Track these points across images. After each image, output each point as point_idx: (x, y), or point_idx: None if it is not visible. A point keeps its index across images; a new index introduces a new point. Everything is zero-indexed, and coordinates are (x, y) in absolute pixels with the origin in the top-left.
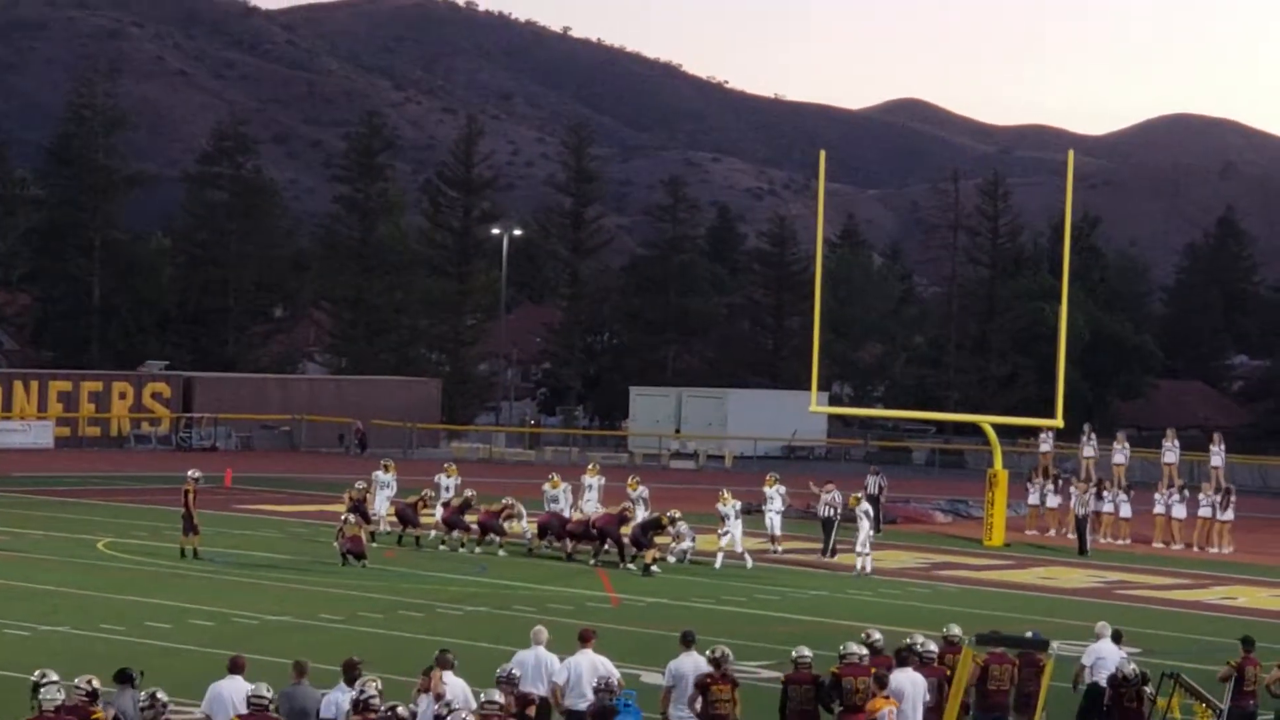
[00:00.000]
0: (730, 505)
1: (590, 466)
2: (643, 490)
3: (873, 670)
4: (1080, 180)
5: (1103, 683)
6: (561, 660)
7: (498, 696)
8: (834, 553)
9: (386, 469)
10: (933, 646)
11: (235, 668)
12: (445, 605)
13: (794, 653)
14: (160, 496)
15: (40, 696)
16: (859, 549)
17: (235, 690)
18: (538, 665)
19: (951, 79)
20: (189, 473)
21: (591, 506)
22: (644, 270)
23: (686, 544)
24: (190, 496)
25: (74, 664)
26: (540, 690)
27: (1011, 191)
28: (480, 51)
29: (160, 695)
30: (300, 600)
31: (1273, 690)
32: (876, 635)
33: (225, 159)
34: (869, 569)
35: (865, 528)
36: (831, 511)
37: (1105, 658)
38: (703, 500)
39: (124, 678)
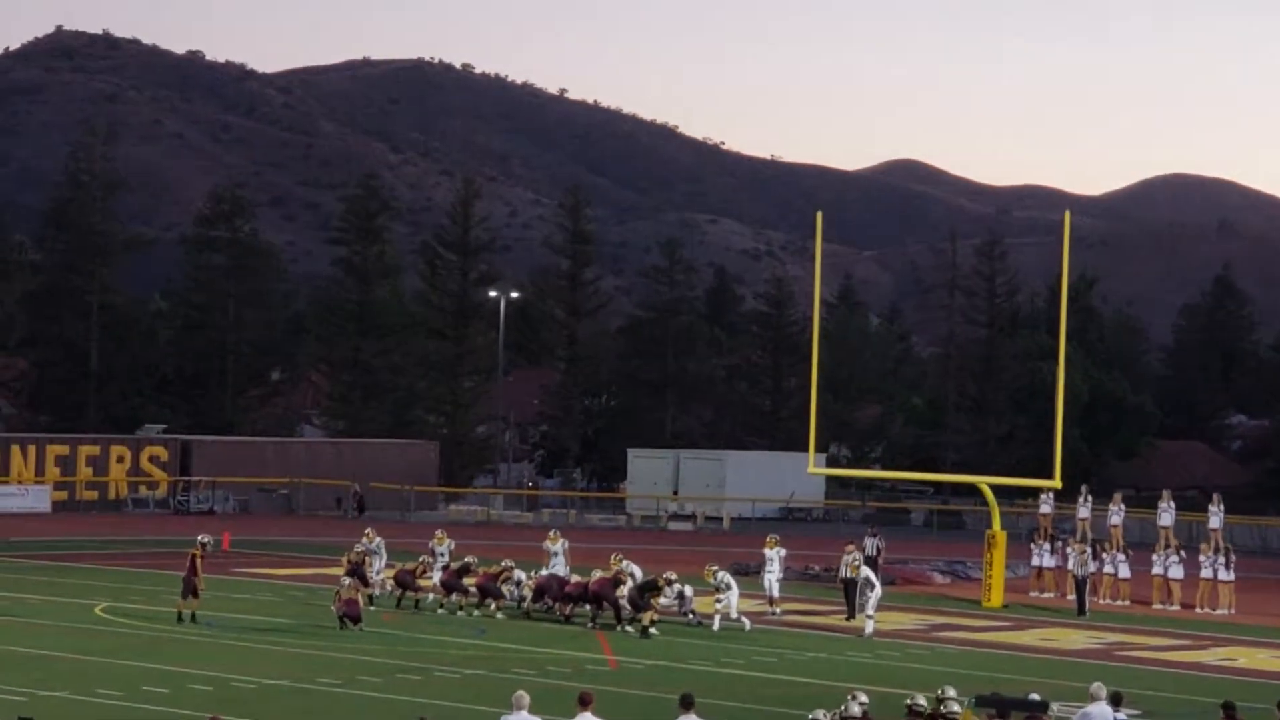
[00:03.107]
0: (719, 578)
1: (551, 534)
2: (628, 565)
3: None
4: (1077, 240)
5: None
6: None
7: None
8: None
9: (369, 538)
10: (956, 707)
11: None
12: (444, 669)
13: (810, 715)
14: (158, 560)
15: None
16: (869, 611)
17: None
18: None
19: (948, 139)
20: (199, 538)
21: (559, 573)
22: (641, 332)
23: (690, 605)
24: (198, 561)
25: None
26: None
27: (1009, 251)
28: (477, 113)
29: None
30: (299, 664)
31: None
32: (863, 698)
33: (222, 222)
34: (869, 631)
35: (876, 591)
36: (851, 573)
37: None
38: (701, 562)
39: None
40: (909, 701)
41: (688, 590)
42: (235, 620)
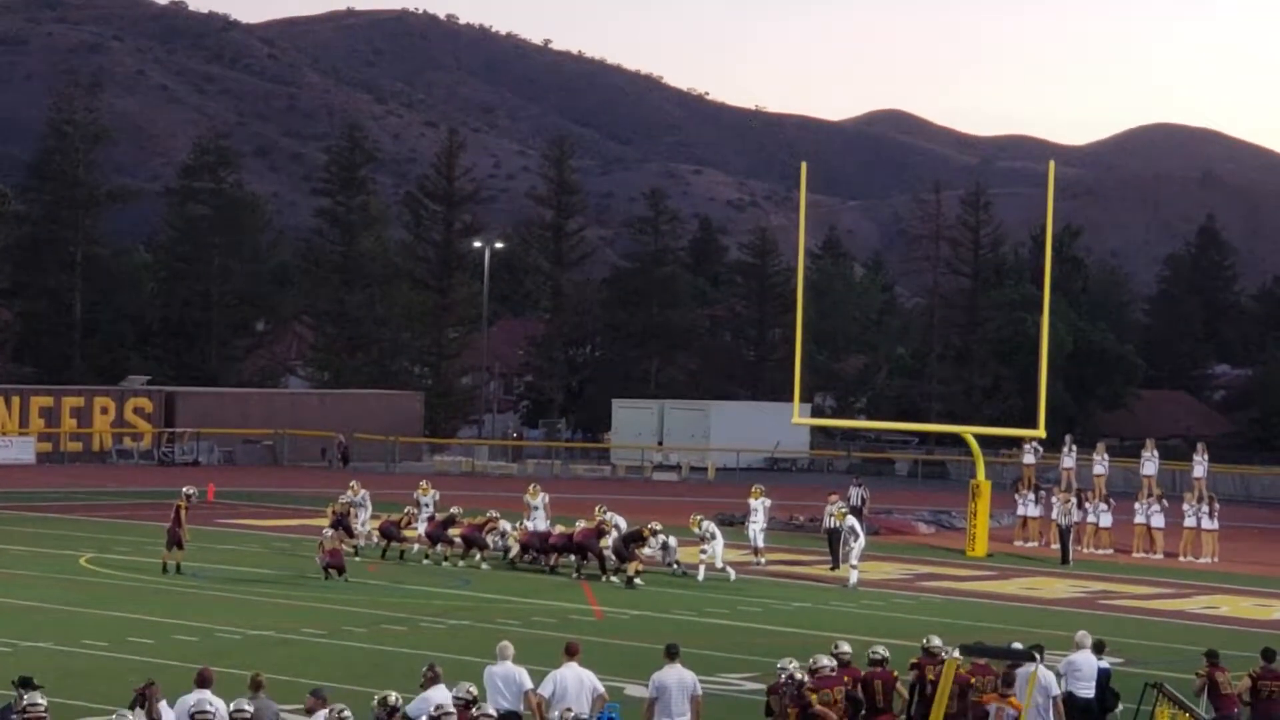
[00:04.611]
0: (704, 528)
1: (531, 488)
2: (612, 516)
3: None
4: (1061, 190)
5: (1077, 692)
6: (547, 673)
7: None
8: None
9: (354, 490)
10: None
11: (203, 681)
12: (428, 619)
13: (779, 664)
14: (143, 511)
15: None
16: (853, 561)
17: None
18: (507, 678)
19: (932, 90)
20: (183, 489)
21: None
22: (626, 282)
23: (674, 555)
24: (182, 512)
25: (57, 680)
26: (507, 704)
27: (993, 202)
28: (461, 64)
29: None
30: (283, 615)
31: (1243, 698)
32: (845, 647)
33: (206, 173)
34: (854, 581)
35: (860, 542)
36: (835, 523)
37: (1080, 668)
38: (686, 512)
39: (25, 684)
40: (870, 652)
41: (672, 541)
42: (220, 571)
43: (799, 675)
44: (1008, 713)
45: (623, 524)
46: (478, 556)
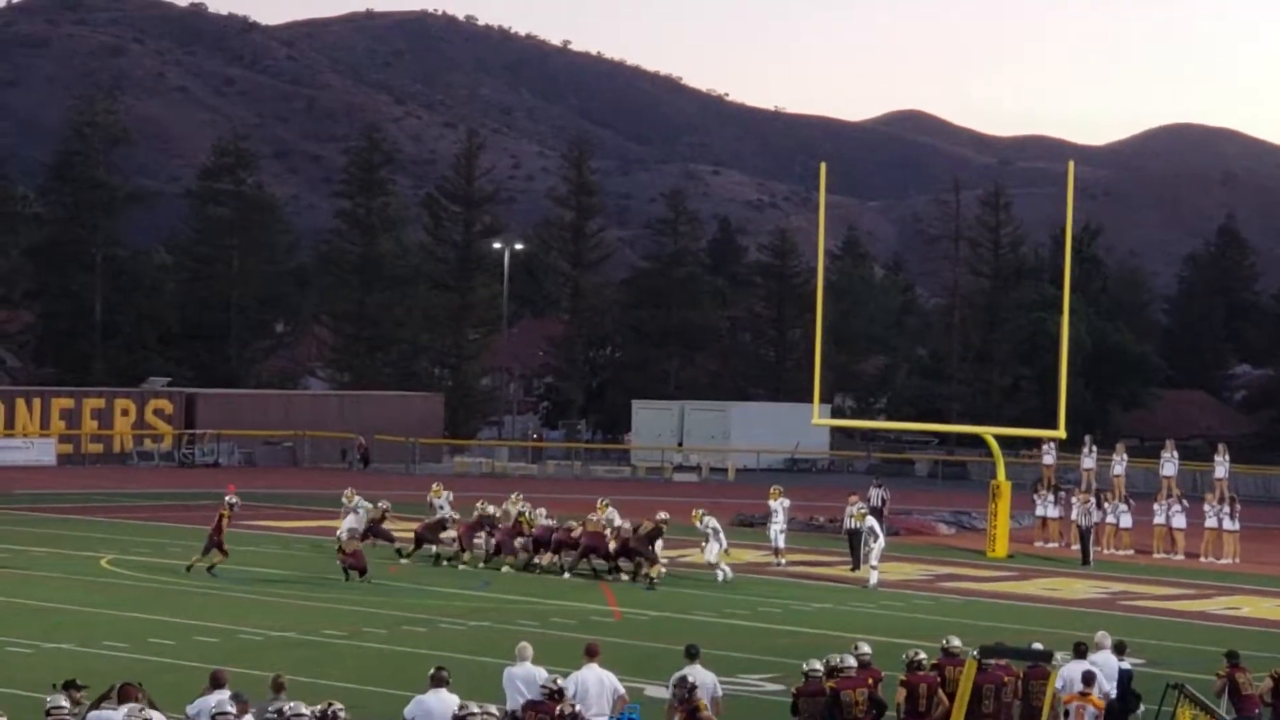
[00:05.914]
0: (704, 523)
1: (513, 495)
2: (612, 512)
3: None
4: (1081, 190)
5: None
6: (567, 674)
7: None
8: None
9: (349, 498)
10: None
11: (217, 682)
12: (448, 620)
13: (805, 666)
14: (163, 513)
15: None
16: (873, 562)
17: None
18: (527, 679)
19: (951, 90)
20: (226, 498)
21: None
22: (645, 283)
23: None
24: (224, 520)
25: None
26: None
27: (1012, 202)
28: (481, 65)
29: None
30: (304, 616)
31: (1265, 699)
32: (865, 648)
33: (226, 175)
34: (874, 581)
35: (880, 542)
36: (855, 523)
37: (1100, 668)
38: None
39: (70, 685)
40: (906, 656)
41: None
42: (241, 572)
43: (690, 680)
44: (1089, 711)
45: (617, 518)
46: (502, 557)
